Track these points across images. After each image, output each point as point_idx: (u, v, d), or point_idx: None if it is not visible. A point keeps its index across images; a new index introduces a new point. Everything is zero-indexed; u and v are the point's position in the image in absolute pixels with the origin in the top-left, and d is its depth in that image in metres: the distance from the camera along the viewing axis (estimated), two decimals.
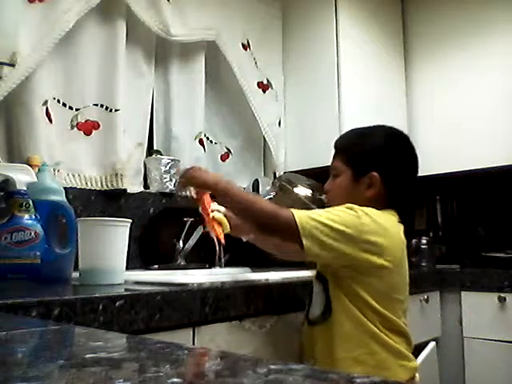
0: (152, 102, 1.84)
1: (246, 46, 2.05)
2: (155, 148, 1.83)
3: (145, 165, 1.78)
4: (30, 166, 1.20)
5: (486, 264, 1.88)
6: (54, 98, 1.53)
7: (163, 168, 1.76)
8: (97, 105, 1.62)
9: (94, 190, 1.58)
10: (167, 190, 1.77)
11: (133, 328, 0.82)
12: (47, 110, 1.48)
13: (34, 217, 1.03)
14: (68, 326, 0.63)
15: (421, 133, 2.19)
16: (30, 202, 1.04)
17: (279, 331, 1.12)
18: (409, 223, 1.14)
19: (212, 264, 1.67)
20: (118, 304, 0.80)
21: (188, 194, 1.24)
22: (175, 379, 0.33)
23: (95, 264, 0.97)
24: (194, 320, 0.94)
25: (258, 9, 2.11)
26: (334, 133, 1.94)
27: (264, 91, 2.10)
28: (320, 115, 2.03)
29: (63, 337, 0.54)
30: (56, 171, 1.49)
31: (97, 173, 1.60)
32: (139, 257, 1.64)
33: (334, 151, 1.20)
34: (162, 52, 1.86)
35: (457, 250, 2.16)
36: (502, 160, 2.01)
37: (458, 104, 2.18)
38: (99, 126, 1.62)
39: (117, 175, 1.59)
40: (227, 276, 1.23)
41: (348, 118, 1.97)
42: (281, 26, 2.20)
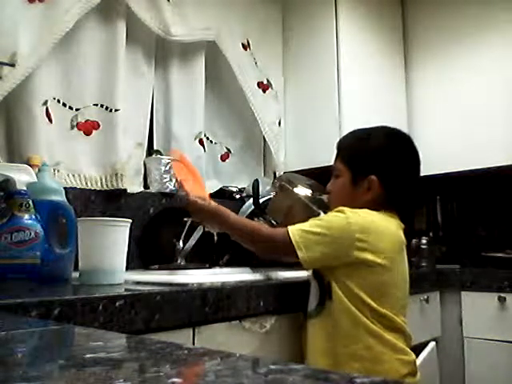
0: (152, 102, 1.84)
1: (246, 46, 2.04)
2: (155, 148, 1.83)
3: (145, 165, 1.78)
4: (30, 165, 1.20)
5: (486, 264, 1.88)
6: (54, 98, 1.53)
7: (163, 168, 1.76)
8: (97, 105, 1.62)
9: (94, 190, 1.58)
10: (167, 190, 1.77)
11: (133, 328, 0.82)
12: (47, 109, 1.48)
13: (34, 217, 1.03)
14: (68, 326, 0.63)
15: (421, 133, 2.19)
16: (30, 202, 1.03)
17: (279, 331, 1.12)
18: (409, 223, 1.14)
19: (212, 264, 1.67)
20: (117, 304, 0.80)
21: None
22: (175, 379, 0.33)
23: (95, 264, 0.97)
24: (194, 320, 0.94)
25: (258, 9, 2.11)
26: (334, 133, 1.95)
27: (264, 91, 2.10)
28: (320, 115, 2.03)
29: (63, 337, 0.54)
30: (56, 171, 1.49)
31: (97, 173, 1.60)
32: (139, 257, 1.64)
33: (336, 151, 1.20)
34: (161, 52, 1.86)
35: (457, 250, 2.16)
36: (502, 160, 2.01)
37: (458, 104, 2.18)
38: (99, 125, 1.62)
39: (117, 175, 1.59)
40: (227, 276, 1.23)
41: (348, 118, 1.97)
42: (281, 26, 2.20)
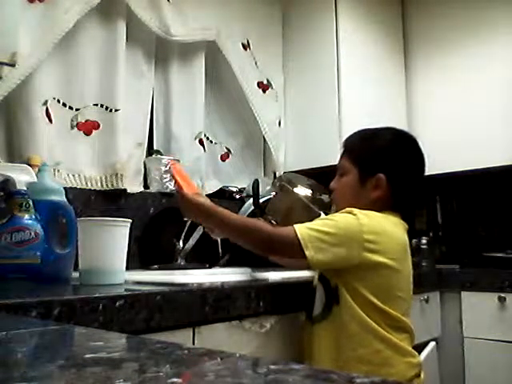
0: (152, 102, 1.84)
1: (246, 46, 2.04)
2: (155, 148, 1.83)
3: (145, 165, 1.78)
4: (30, 165, 1.20)
5: (486, 264, 1.87)
6: (54, 98, 1.53)
7: (163, 168, 1.76)
8: (97, 105, 1.62)
9: (94, 190, 1.58)
10: (167, 190, 1.77)
11: (133, 328, 0.82)
12: (47, 109, 1.48)
13: (33, 217, 1.03)
14: (68, 326, 0.63)
15: (421, 132, 2.19)
16: (30, 202, 1.03)
17: (279, 331, 1.12)
18: (409, 223, 1.14)
19: (212, 264, 1.67)
20: (118, 304, 0.80)
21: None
22: (175, 379, 0.33)
23: (95, 264, 0.96)
24: (194, 320, 0.93)
25: (258, 9, 2.11)
26: (334, 133, 1.95)
27: (264, 91, 2.10)
28: (320, 115, 2.03)
29: (63, 337, 0.54)
30: (56, 171, 1.49)
31: (97, 173, 1.60)
32: (139, 257, 1.64)
33: (342, 150, 1.20)
34: (162, 52, 1.86)
35: (457, 250, 2.16)
36: (502, 160, 2.01)
37: (458, 104, 2.18)
38: (99, 126, 1.62)
39: (117, 175, 1.59)
40: (227, 276, 1.23)
41: (348, 118, 1.97)
42: (281, 26, 2.20)
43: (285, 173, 2.04)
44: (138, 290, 0.88)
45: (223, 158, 2.07)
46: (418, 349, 1.18)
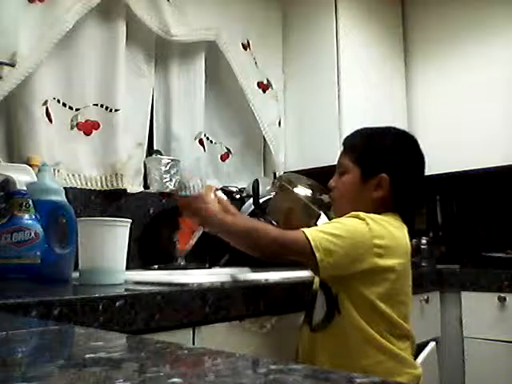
0: (152, 102, 1.84)
1: (246, 46, 2.04)
2: (155, 148, 1.83)
3: (145, 165, 1.78)
4: (30, 165, 1.20)
5: (486, 264, 1.87)
6: (54, 98, 1.53)
7: (163, 168, 1.76)
8: (97, 105, 1.62)
9: (94, 190, 1.58)
10: (167, 190, 1.77)
11: (133, 328, 0.82)
12: (47, 110, 1.48)
13: (34, 217, 1.03)
14: (68, 326, 0.63)
15: (421, 133, 2.18)
16: (30, 202, 1.03)
17: (279, 331, 1.12)
18: (409, 223, 1.14)
19: (212, 264, 1.67)
20: (117, 304, 0.80)
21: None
22: (175, 379, 0.33)
23: (95, 264, 0.97)
24: (194, 320, 0.94)
25: (258, 9, 2.11)
26: (334, 133, 1.95)
27: (264, 91, 2.10)
28: (320, 115, 2.03)
29: (63, 337, 0.54)
30: (56, 171, 1.49)
31: (97, 173, 1.60)
32: (139, 257, 1.64)
33: (342, 148, 1.19)
34: (162, 52, 1.86)
35: (457, 250, 2.15)
36: (502, 160, 2.01)
37: (458, 104, 2.18)
38: (99, 126, 1.62)
39: (117, 175, 1.59)
40: (227, 276, 1.23)
41: (348, 119, 1.97)
42: (281, 26, 2.20)
43: (285, 173, 2.04)
44: (138, 290, 0.88)
45: (223, 158, 2.07)
46: (418, 349, 1.18)
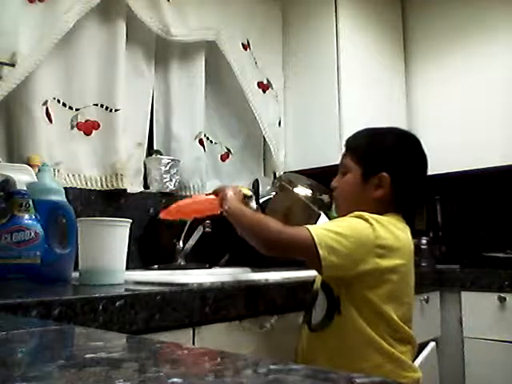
0: (152, 102, 1.84)
1: (246, 46, 2.04)
2: (155, 148, 1.83)
3: (145, 165, 1.78)
4: (30, 165, 1.20)
5: (486, 264, 1.87)
6: (54, 98, 1.53)
7: (163, 168, 1.76)
8: (97, 105, 1.62)
9: (94, 190, 1.58)
10: (167, 190, 1.77)
11: (133, 328, 0.82)
12: (47, 109, 1.48)
13: (34, 217, 1.03)
14: (68, 326, 0.63)
15: (421, 133, 2.16)
16: (30, 202, 1.03)
17: (279, 331, 1.12)
18: (409, 223, 1.14)
19: (212, 264, 1.67)
20: (117, 304, 0.80)
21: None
22: (175, 379, 0.33)
23: (95, 264, 0.97)
24: (194, 320, 0.94)
25: (258, 9, 2.11)
26: (335, 133, 1.95)
27: (264, 91, 2.10)
28: (320, 115, 2.03)
29: (63, 337, 0.54)
30: (56, 171, 1.49)
31: (97, 173, 1.60)
32: (139, 257, 1.64)
33: (344, 149, 1.19)
34: (162, 52, 1.86)
35: (457, 250, 2.15)
36: (502, 160, 2.01)
37: (458, 104, 2.18)
38: (99, 125, 1.62)
39: (117, 175, 1.59)
40: (227, 276, 1.23)
41: (348, 118, 1.97)
42: (281, 26, 2.20)
43: (285, 173, 2.04)
44: (138, 290, 0.88)
45: (223, 158, 2.07)
46: (418, 349, 1.18)
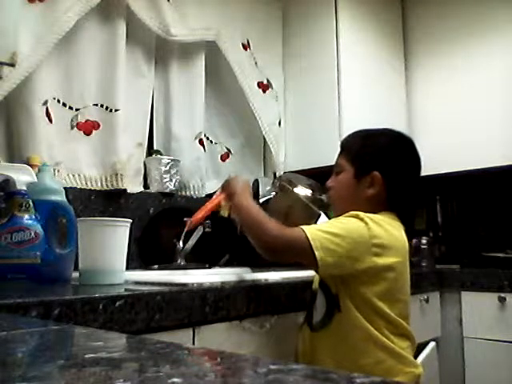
0: (152, 102, 1.84)
1: (246, 46, 2.04)
2: (155, 148, 1.83)
3: (145, 165, 1.78)
4: (30, 165, 1.20)
5: (486, 264, 1.87)
6: (54, 98, 1.53)
7: (163, 168, 1.76)
8: (97, 105, 1.62)
9: (94, 189, 1.58)
10: (167, 190, 1.77)
11: (133, 328, 0.82)
12: (47, 109, 1.48)
13: (33, 217, 1.03)
14: (68, 326, 0.63)
15: (421, 133, 2.19)
16: (30, 202, 1.03)
17: (279, 331, 1.12)
18: (409, 223, 1.14)
19: (212, 264, 1.67)
20: (117, 304, 0.80)
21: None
22: (175, 379, 0.33)
23: (95, 264, 0.97)
24: (194, 320, 0.93)
25: (258, 9, 2.11)
26: (334, 133, 1.95)
27: (264, 91, 2.10)
28: (320, 115, 2.03)
29: (63, 337, 0.54)
30: (56, 171, 1.49)
31: (97, 173, 1.60)
32: (139, 257, 1.64)
33: (339, 150, 1.20)
34: (162, 52, 1.86)
35: (457, 250, 2.15)
36: (502, 160, 2.01)
37: (458, 104, 2.18)
38: (99, 126, 1.62)
39: (117, 175, 1.59)
40: (227, 276, 1.23)
41: (348, 118, 1.97)
42: (281, 26, 2.20)
43: (285, 173, 2.04)
44: (138, 290, 0.88)
45: (223, 158, 2.07)
46: (418, 349, 1.18)
